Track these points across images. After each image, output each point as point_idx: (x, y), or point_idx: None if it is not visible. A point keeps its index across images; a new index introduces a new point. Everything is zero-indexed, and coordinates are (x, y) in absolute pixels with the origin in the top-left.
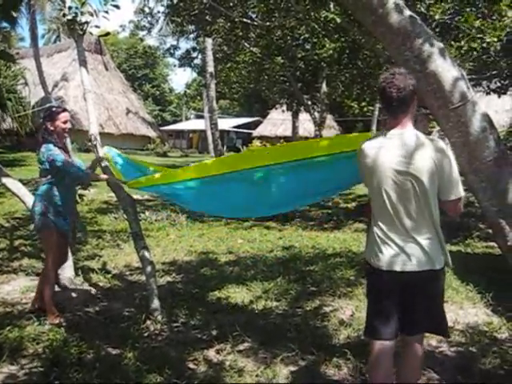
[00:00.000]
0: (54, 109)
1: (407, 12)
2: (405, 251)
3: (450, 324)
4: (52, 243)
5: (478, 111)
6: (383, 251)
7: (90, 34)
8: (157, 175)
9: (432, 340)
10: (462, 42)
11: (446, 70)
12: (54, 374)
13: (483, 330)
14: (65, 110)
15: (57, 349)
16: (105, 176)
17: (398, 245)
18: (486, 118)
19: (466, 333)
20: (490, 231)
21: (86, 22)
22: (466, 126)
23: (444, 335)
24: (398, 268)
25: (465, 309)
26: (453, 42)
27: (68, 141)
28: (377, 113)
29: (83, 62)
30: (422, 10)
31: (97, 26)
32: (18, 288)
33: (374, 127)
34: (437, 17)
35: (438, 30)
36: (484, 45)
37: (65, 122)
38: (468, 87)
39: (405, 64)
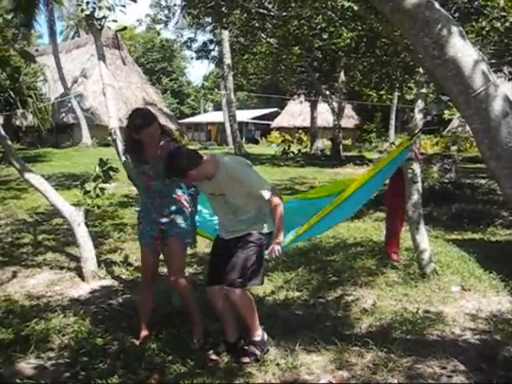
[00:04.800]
0: (138, 121)
1: None
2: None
3: (473, 312)
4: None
5: (499, 96)
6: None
7: (108, 28)
8: None
9: (455, 328)
10: (484, 23)
11: (466, 54)
12: (80, 364)
13: (507, 317)
14: (149, 124)
15: (82, 340)
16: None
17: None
18: (508, 102)
19: (489, 321)
20: None
21: (104, 17)
22: (487, 111)
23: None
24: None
25: (488, 297)
26: (474, 24)
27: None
28: (395, 101)
29: (102, 57)
30: None
31: (114, 21)
32: (43, 281)
33: (393, 115)
34: None
35: (457, 15)
36: (507, 24)
37: (148, 137)
38: (489, 71)
39: (423, 50)
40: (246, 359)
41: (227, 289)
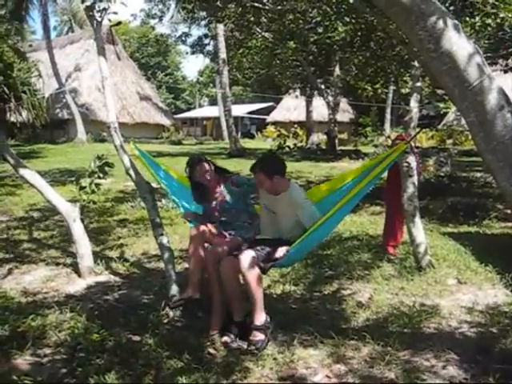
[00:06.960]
0: (188, 163)
1: None
2: None
3: (469, 305)
4: None
5: (494, 89)
6: None
7: (109, 20)
8: None
9: (452, 321)
10: (477, 19)
11: (461, 47)
12: (77, 360)
13: (503, 310)
14: (196, 164)
15: (78, 336)
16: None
17: None
18: (503, 95)
19: (485, 313)
20: (509, 211)
21: (105, 9)
22: (483, 104)
23: None
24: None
25: (484, 290)
26: (467, 19)
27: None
28: (391, 96)
29: (101, 50)
30: None
31: (115, 13)
32: (39, 278)
33: (388, 109)
34: None
35: (452, 8)
36: (498, 20)
37: (200, 175)
38: (484, 63)
39: (419, 44)
40: (253, 347)
41: (241, 251)
